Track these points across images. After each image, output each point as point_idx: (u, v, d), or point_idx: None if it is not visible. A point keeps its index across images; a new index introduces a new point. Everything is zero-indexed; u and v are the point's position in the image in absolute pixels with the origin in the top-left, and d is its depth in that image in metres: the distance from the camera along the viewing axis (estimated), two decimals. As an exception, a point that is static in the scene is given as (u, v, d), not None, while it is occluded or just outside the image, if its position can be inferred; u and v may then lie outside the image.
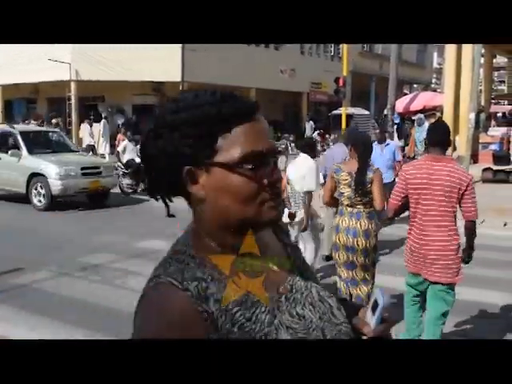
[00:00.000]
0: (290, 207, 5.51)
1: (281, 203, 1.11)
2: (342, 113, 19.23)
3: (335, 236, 4.57)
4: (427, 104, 17.55)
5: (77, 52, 21.03)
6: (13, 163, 11.36)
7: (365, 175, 4.44)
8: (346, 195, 4.50)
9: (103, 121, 19.29)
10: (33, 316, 5.10)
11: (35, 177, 11.12)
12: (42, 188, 10.98)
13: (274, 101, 29.86)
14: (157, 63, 20.81)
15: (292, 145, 19.42)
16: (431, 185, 3.62)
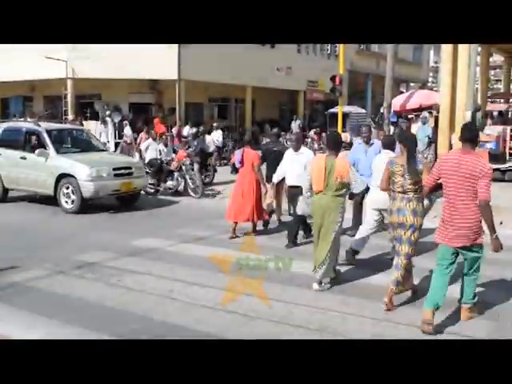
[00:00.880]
0: None
1: None
2: (339, 111, 19.24)
3: (390, 216, 5.41)
4: (423, 102, 17.50)
5: (73, 50, 20.96)
6: (40, 163, 10.61)
7: (414, 166, 5.22)
8: (400, 183, 5.27)
9: (108, 119, 19.23)
10: (28, 315, 5.09)
11: (64, 178, 10.38)
12: (73, 191, 10.25)
13: (271, 99, 29.85)
14: (153, 61, 20.75)
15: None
16: (459, 171, 4.57)
